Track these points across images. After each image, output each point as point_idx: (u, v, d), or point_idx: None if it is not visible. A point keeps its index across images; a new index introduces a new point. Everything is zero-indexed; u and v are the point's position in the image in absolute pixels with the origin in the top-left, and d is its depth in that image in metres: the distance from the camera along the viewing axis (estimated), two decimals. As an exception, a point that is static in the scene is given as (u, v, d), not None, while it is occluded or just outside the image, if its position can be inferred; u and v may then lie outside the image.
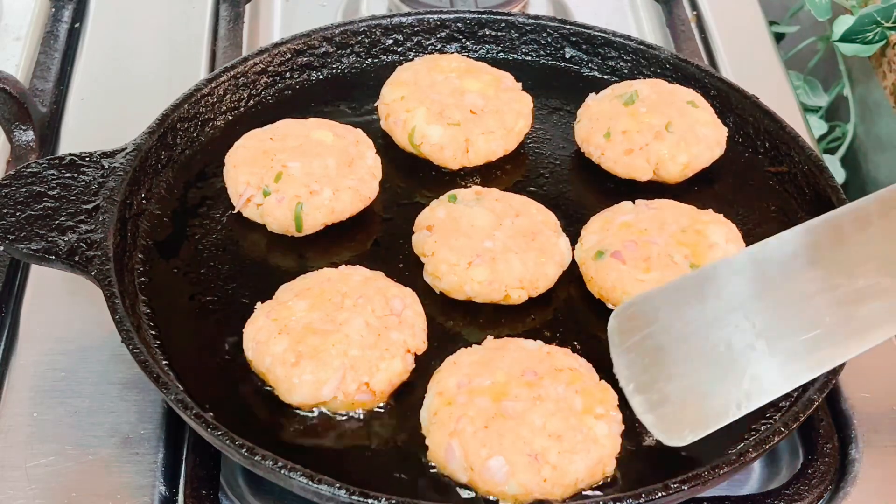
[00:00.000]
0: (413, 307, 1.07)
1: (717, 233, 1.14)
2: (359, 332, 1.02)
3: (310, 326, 1.02)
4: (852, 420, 1.12)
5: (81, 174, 1.15)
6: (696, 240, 1.13)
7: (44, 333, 1.16)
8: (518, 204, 1.19)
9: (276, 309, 1.05)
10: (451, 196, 1.19)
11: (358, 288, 1.06)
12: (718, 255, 1.12)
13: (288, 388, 1.01)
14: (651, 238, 1.13)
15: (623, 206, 1.19)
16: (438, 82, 1.31)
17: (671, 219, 1.16)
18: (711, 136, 1.28)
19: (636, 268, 1.11)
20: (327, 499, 0.93)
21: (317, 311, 1.04)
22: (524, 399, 0.97)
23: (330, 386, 1.00)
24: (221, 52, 1.53)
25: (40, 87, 1.46)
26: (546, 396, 0.97)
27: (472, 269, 1.11)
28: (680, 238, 1.13)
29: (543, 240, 1.15)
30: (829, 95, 1.77)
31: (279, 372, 1.01)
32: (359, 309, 1.04)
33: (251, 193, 1.18)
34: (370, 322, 1.03)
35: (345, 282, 1.07)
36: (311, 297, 1.05)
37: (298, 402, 1.01)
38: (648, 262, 1.11)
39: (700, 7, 1.68)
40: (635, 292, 1.09)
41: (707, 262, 1.11)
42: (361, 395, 1.01)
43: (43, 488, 1.02)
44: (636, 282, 1.10)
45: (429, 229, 1.16)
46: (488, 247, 1.13)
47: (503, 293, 1.12)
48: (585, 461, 0.95)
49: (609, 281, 1.12)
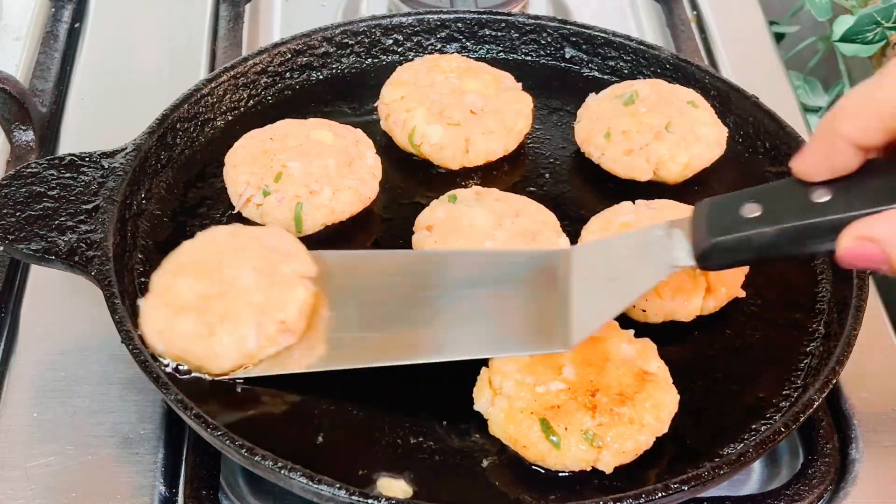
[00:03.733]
0: (282, 238, 1.09)
1: None
2: (252, 281, 1.04)
3: (204, 295, 1.03)
4: (852, 420, 1.12)
5: (81, 174, 1.15)
6: None
7: (44, 333, 1.16)
8: (518, 204, 1.19)
9: (163, 295, 1.05)
10: (451, 196, 1.19)
11: (227, 244, 1.08)
12: None
13: (213, 358, 1.01)
14: None
15: (623, 206, 1.19)
16: (438, 82, 1.31)
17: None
18: (711, 136, 1.28)
19: None
20: (327, 499, 0.93)
21: (202, 281, 1.04)
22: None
23: (251, 338, 1.01)
24: (221, 52, 1.53)
25: (40, 87, 1.46)
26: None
27: None
28: None
29: (544, 240, 1.15)
30: (830, 95, 1.77)
31: (198, 348, 1.01)
32: (240, 261, 1.05)
33: (251, 193, 1.18)
34: (256, 267, 1.05)
35: (212, 244, 1.08)
36: (189, 271, 1.06)
37: (229, 367, 1.02)
38: None
39: (700, 7, 1.68)
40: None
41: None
42: (282, 335, 1.03)
43: (43, 488, 1.02)
44: None
45: (429, 229, 1.16)
46: (489, 247, 1.12)
47: None
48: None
49: None
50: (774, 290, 1.17)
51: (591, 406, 0.98)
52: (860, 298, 1.09)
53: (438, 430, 1.02)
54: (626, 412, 0.98)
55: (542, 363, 1.01)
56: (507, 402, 1.00)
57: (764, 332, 1.13)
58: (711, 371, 1.09)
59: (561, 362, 1.01)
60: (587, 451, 0.97)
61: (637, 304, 1.10)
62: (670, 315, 1.11)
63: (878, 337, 1.20)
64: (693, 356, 1.10)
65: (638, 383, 1.00)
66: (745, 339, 1.12)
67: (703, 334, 1.12)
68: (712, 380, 1.08)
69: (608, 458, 0.97)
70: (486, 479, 0.99)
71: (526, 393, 0.99)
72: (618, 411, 0.98)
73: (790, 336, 1.12)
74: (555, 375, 1.00)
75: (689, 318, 1.11)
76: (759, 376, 1.08)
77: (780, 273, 1.18)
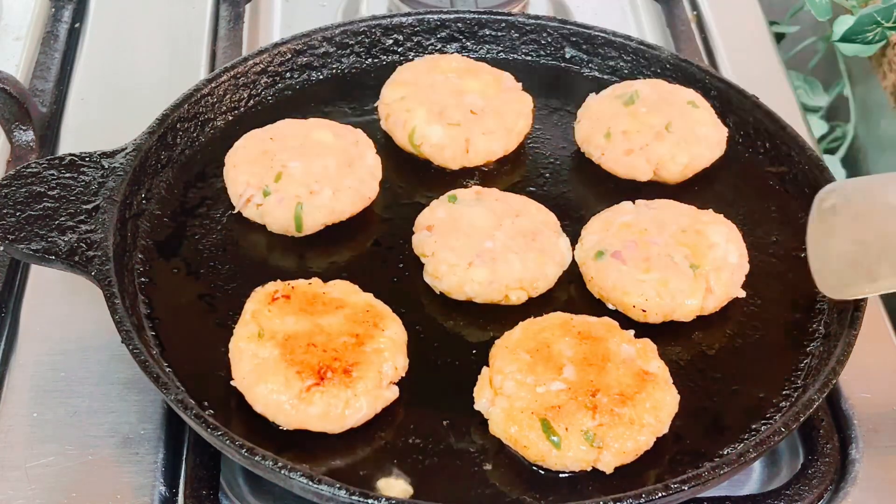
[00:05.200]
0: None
1: (717, 233, 1.14)
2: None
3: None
4: (852, 420, 1.11)
5: (81, 174, 1.15)
6: (696, 240, 1.13)
7: (44, 333, 1.16)
8: (518, 204, 1.19)
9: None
10: (451, 196, 1.19)
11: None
12: (719, 255, 1.12)
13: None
14: (651, 238, 1.13)
15: (623, 206, 1.19)
16: (438, 82, 1.31)
17: (671, 219, 1.16)
18: (711, 136, 1.28)
19: (636, 268, 1.11)
20: (327, 499, 0.93)
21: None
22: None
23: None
24: (221, 52, 1.53)
25: (40, 87, 1.46)
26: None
27: (471, 270, 1.11)
28: (680, 238, 1.13)
29: (544, 240, 1.15)
30: (830, 95, 1.76)
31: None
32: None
33: (251, 193, 1.18)
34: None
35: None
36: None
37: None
38: (648, 262, 1.11)
39: (700, 7, 1.68)
40: (635, 292, 1.10)
41: (707, 262, 1.11)
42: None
43: (43, 488, 1.02)
44: (636, 282, 1.10)
45: (429, 229, 1.16)
46: (488, 247, 1.13)
47: (503, 294, 1.12)
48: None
49: (609, 281, 1.12)
50: (774, 290, 1.17)
51: (592, 406, 0.98)
52: (860, 299, 1.09)
53: (438, 430, 1.02)
54: (626, 412, 0.98)
55: (543, 363, 1.01)
56: (508, 401, 1.00)
57: (764, 332, 1.13)
58: (711, 371, 1.09)
59: (561, 362, 1.01)
60: (587, 451, 0.97)
61: (637, 304, 1.10)
62: (670, 315, 1.11)
63: (878, 337, 1.20)
64: (693, 356, 1.10)
65: (638, 383, 1.00)
66: (745, 339, 1.12)
67: (703, 334, 1.12)
68: (712, 380, 1.08)
69: (608, 459, 0.97)
70: (486, 480, 0.99)
71: (526, 393, 0.99)
72: (618, 411, 0.98)
73: (790, 336, 1.12)
74: (555, 375, 1.00)
75: (688, 318, 1.12)
76: (759, 376, 1.08)
77: (780, 273, 1.18)
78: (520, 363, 1.01)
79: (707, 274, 1.11)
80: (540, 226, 1.16)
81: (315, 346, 1.01)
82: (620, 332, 1.06)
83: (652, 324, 1.11)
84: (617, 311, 1.12)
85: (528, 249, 1.13)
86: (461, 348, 1.09)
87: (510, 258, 1.12)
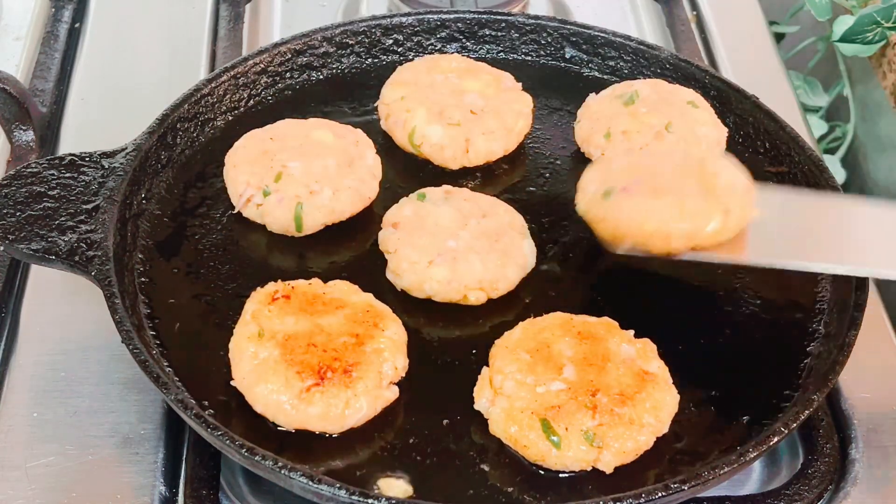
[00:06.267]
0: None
1: (717, 163, 1.11)
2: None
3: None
4: (852, 420, 1.12)
5: (81, 174, 1.15)
6: (700, 169, 1.10)
7: (44, 333, 1.16)
8: (486, 205, 1.18)
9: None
10: (420, 194, 1.19)
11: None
12: (727, 179, 1.09)
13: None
14: (656, 172, 1.10)
15: (617, 152, 1.18)
16: (438, 82, 1.31)
17: (668, 158, 1.14)
18: (711, 136, 1.28)
19: (649, 197, 1.07)
20: (327, 499, 0.93)
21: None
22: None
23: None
24: (221, 52, 1.53)
25: (40, 87, 1.46)
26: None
27: (432, 268, 1.11)
28: (683, 171, 1.10)
29: (507, 241, 1.14)
30: (829, 95, 1.77)
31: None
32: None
33: (251, 193, 1.18)
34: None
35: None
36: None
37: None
38: (660, 191, 1.07)
39: (700, 7, 1.68)
40: (652, 221, 1.06)
41: (717, 185, 1.07)
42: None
43: (43, 488, 1.02)
44: (652, 209, 1.06)
45: (394, 227, 1.16)
46: (451, 246, 1.12)
47: (462, 293, 1.11)
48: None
49: (624, 213, 1.07)
50: (774, 290, 1.17)
51: (592, 406, 0.98)
52: (860, 299, 1.09)
53: (438, 430, 1.02)
54: (626, 412, 0.98)
55: (543, 363, 1.01)
56: (508, 401, 1.00)
57: (764, 332, 1.13)
58: (711, 371, 1.09)
59: (561, 362, 1.01)
60: (587, 451, 0.97)
61: (657, 229, 1.06)
62: (693, 238, 1.06)
63: (878, 337, 1.20)
64: (693, 356, 1.10)
65: (638, 383, 1.00)
66: (745, 339, 1.12)
67: (704, 334, 1.12)
68: (712, 380, 1.08)
69: (608, 458, 0.97)
70: (486, 479, 0.99)
71: (526, 393, 0.99)
72: (618, 411, 0.98)
73: (790, 336, 1.12)
74: (555, 375, 1.00)
75: (710, 241, 1.06)
76: (759, 376, 1.08)
77: (780, 273, 1.18)
78: (520, 363, 1.01)
79: (720, 196, 1.06)
80: (505, 227, 1.16)
81: (315, 346, 1.01)
82: (620, 332, 1.06)
83: (676, 258, 1.07)
84: (612, 313, 1.09)
85: (490, 250, 1.13)
86: (461, 348, 1.09)
87: (471, 258, 1.11)
